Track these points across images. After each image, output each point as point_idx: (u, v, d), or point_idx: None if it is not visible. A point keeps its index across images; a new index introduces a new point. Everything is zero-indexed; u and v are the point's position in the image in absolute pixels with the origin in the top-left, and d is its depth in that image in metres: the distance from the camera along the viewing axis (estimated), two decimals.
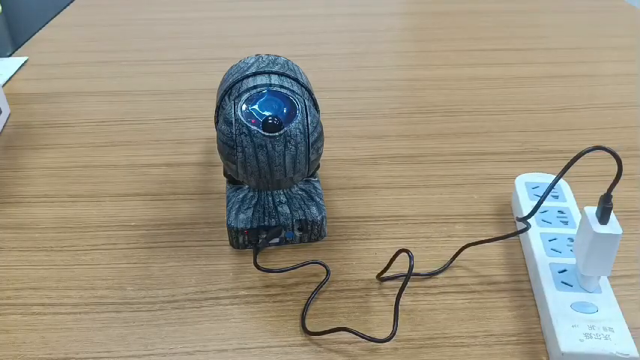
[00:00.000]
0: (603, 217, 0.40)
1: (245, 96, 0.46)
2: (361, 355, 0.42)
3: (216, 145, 0.48)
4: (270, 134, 0.44)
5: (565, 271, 0.45)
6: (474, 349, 0.42)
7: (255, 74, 0.49)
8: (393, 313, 0.44)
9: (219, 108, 0.50)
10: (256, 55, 0.52)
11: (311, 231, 0.51)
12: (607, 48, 0.90)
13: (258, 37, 0.96)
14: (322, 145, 0.48)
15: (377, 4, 1.10)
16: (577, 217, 0.51)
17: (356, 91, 0.78)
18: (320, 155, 0.48)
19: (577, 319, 0.41)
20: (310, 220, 0.50)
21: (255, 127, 0.44)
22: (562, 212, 0.51)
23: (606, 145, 0.45)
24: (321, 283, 0.47)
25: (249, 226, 0.50)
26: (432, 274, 0.48)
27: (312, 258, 0.50)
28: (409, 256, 0.44)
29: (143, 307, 0.46)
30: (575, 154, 0.45)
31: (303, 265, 0.49)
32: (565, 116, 0.72)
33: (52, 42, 0.96)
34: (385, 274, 0.48)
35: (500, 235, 0.50)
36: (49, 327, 0.44)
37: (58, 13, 1.08)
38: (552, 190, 0.48)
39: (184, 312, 0.46)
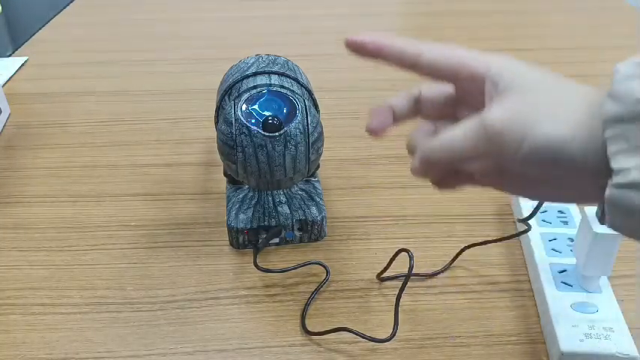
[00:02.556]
0: (603, 217, 0.40)
1: (245, 96, 0.46)
2: (361, 355, 0.42)
3: (216, 145, 0.48)
4: (270, 134, 0.44)
5: (565, 271, 0.45)
6: (474, 349, 0.42)
7: (255, 74, 0.48)
8: (393, 313, 0.44)
9: (219, 108, 0.50)
10: (256, 55, 0.52)
11: (311, 231, 0.51)
12: (607, 48, 0.90)
13: (258, 37, 0.96)
14: (322, 145, 0.48)
15: (377, 4, 1.10)
16: (577, 217, 0.51)
17: (356, 91, 0.78)
18: (320, 155, 0.48)
19: (577, 319, 0.41)
20: (310, 220, 0.50)
21: (255, 127, 0.44)
22: (562, 212, 0.51)
23: None
24: (321, 283, 0.47)
25: (249, 226, 0.50)
26: (432, 275, 0.48)
27: (312, 258, 0.50)
28: (409, 256, 0.44)
29: (143, 307, 0.46)
30: None
31: (303, 265, 0.49)
32: None
33: (52, 42, 0.96)
34: (385, 274, 0.48)
35: (500, 235, 0.50)
36: (49, 327, 0.44)
37: (58, 13, 1.08)
38: None
39: (184, 312, 0.46)
